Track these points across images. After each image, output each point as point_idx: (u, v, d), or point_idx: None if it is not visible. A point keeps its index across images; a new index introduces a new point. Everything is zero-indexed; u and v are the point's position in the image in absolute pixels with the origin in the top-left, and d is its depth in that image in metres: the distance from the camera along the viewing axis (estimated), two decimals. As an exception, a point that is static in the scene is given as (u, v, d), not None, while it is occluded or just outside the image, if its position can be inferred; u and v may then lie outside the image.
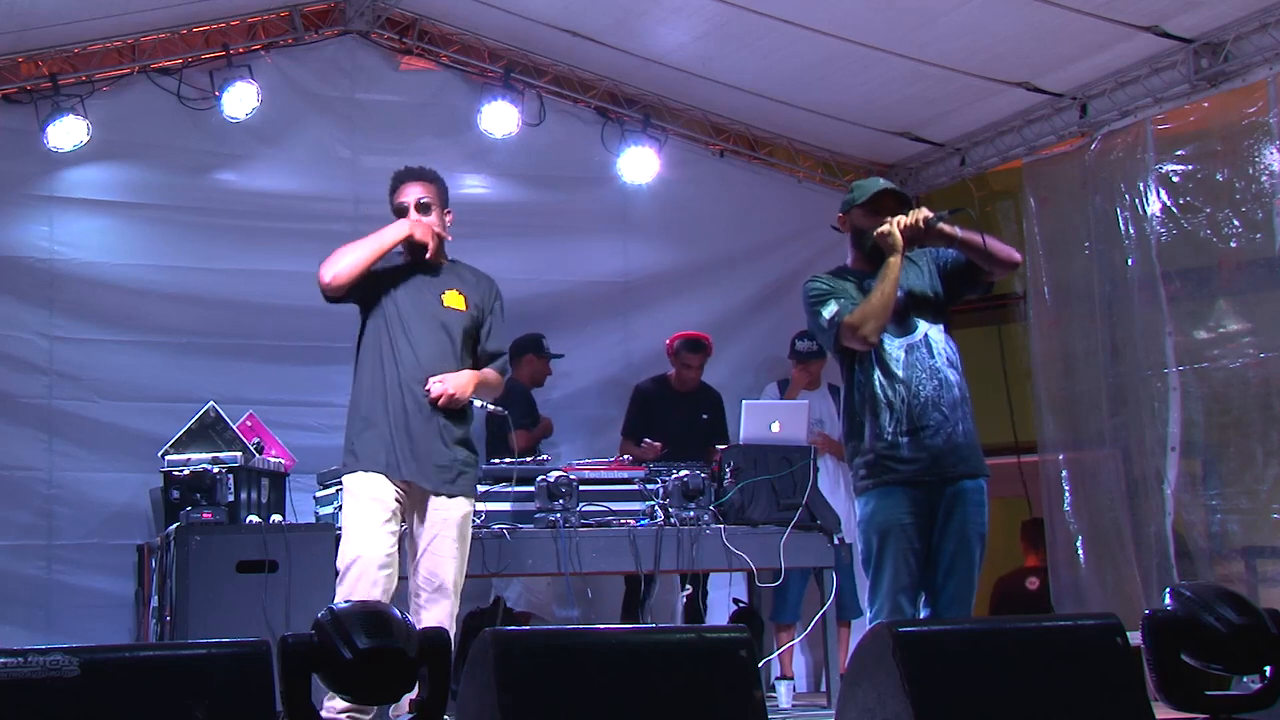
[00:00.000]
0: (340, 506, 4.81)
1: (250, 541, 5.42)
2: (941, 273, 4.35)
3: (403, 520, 4.68)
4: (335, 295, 4.65)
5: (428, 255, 4.73)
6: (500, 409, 5.05)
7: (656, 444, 6.86)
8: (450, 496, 4.66)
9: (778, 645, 6.71)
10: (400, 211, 4.79)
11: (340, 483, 4.81)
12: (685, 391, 7.19)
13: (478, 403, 4.85)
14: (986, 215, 7.63)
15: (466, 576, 4.78)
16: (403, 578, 4.71)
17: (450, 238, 4.86)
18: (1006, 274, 4.41)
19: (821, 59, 6.92)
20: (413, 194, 4.79)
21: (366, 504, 4.59)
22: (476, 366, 4.81)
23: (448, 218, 4.88)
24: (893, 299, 4.15)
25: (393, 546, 4.58)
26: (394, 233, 4.70)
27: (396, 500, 4.61)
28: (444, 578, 4.61)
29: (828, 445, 6.91)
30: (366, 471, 4.61)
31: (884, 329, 4.16)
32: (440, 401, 4.61)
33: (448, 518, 4.65)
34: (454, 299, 4.77)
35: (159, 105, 7.10)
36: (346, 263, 4.60)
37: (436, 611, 4.58)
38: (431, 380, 4.62)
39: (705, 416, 7.01)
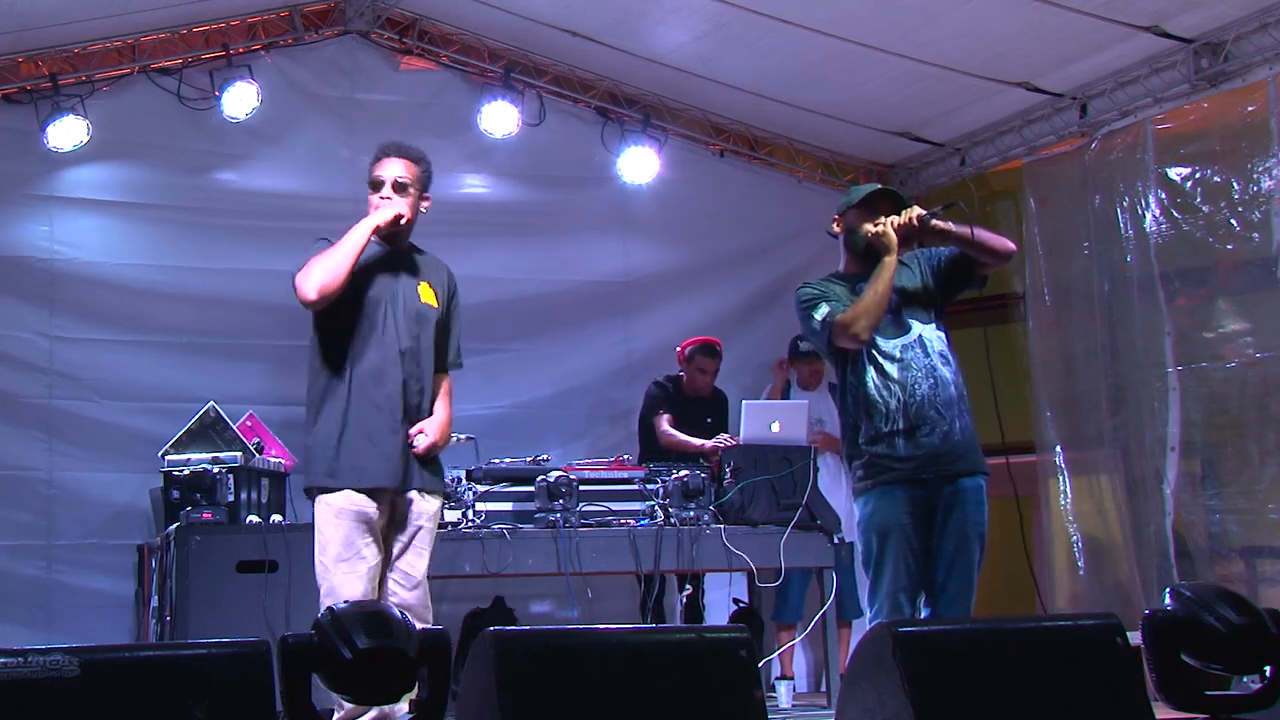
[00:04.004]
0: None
1: (250, 541, 5.44)
2: (934, 272, 4.34)
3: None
4: (323, 307, 4.31)
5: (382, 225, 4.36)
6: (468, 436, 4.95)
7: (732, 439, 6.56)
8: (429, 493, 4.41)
9: (779, 645, 6.71)
10: (375, 185, 4.43)
11: None
12: (694, 397, 7.11)
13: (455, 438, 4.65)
14: (986, 215, 7.62)
15: (468, 577, 4.70)
16: None
17: (406, 217, 4.42)
18: (1003, 265, 4.41)
19: (821, 59, 6.93)
20: (392, 170, 4.42)
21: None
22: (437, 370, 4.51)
23: (424, 204, 4.50)
24: (886, 298, 4.15)
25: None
26: (362, 231, 4.32)
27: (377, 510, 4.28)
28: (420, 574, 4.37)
29: (829, 444, 6.89)
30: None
31: (876, 327, 4.15)
32: (426, 452, 4.33)
33: (426, 510, 4.38)
34: (427, 294, 4.45)
35: (159, 105, 7.11)
36: (330, 272, 4.24)
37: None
38: (415, 434, 4.32)
39: (710, 420, 6.98)
